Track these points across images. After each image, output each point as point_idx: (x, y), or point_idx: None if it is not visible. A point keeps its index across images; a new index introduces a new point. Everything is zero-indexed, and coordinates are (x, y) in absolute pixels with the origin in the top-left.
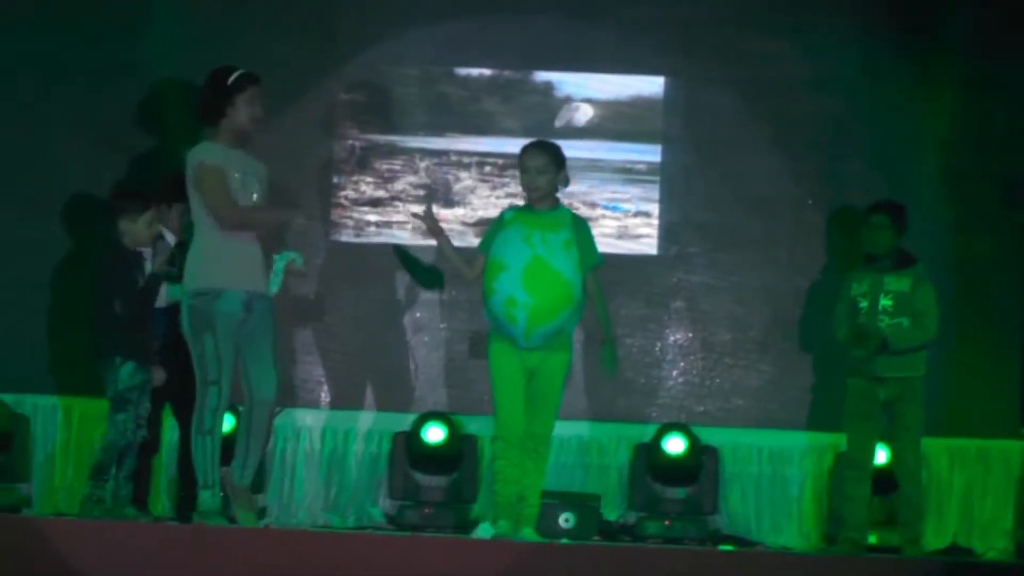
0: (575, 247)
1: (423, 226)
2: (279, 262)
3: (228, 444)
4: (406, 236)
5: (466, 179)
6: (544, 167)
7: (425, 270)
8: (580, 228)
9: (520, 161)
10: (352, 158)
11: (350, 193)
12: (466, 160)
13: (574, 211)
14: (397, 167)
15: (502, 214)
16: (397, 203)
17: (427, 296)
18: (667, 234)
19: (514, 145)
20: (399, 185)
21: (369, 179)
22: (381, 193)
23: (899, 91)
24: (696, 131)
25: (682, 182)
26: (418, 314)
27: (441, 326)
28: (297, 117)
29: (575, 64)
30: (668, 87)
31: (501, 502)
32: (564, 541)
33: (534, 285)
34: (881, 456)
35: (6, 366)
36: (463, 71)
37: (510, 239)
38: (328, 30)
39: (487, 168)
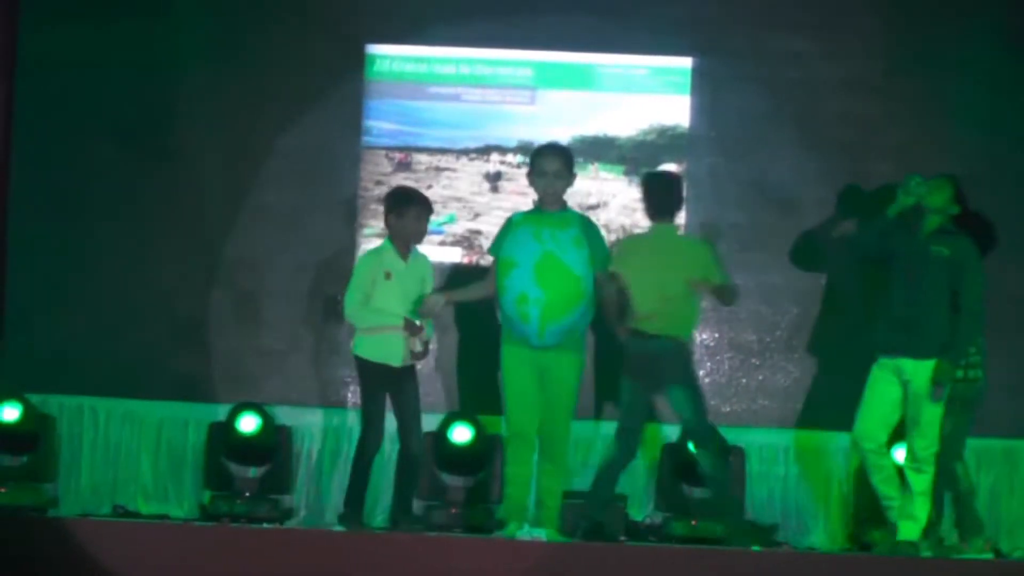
0: (585, 244)
1: (448, 239)
2: None
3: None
4: (432, 239)
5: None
6: (561, 171)
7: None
8: (589, 227)
9: (536, 164)
10: (381, 159)
11: (377, 192)
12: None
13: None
14: (423, 168)
15: (511, 217)
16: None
17: None
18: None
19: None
20: (428, 185)
21: (397, 179)
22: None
23: (926, 92)
24: (723, 131)
25: (708, 182)
26: (444, 315)
27: (467, 326)
28: (324, 116)
29: (602, 62)
30: (695, 86)
31: (513, 505)
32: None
33: (546, 280)
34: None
35: (33, 366)
36: (492, 70)
37: (520, 238)
38: (355, 27)
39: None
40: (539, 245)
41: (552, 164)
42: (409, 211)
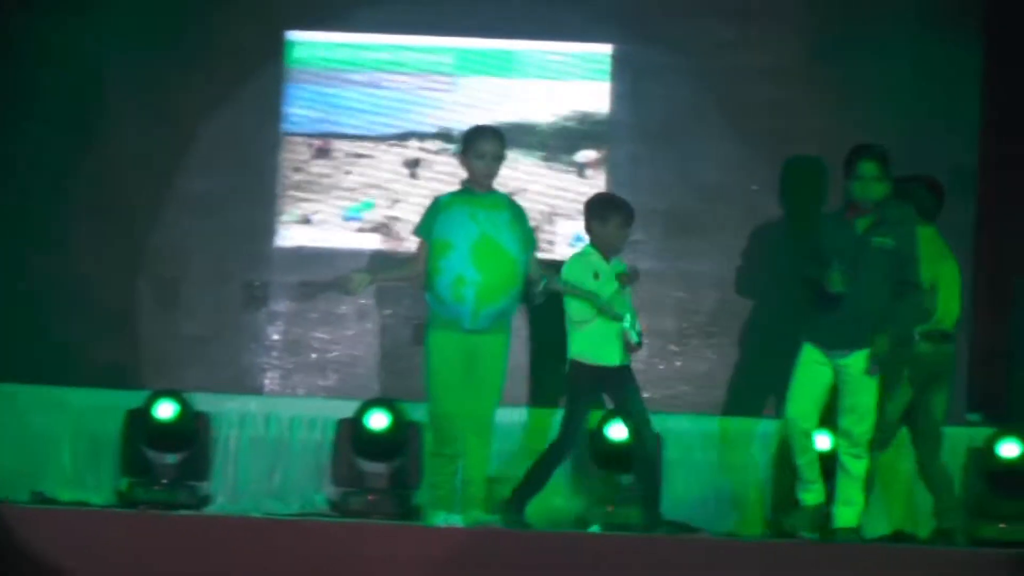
0: (518, 227)
1: (366, 226)
2: None
3: None
4: (350, 226)
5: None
6: (500, 153)
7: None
8: (518, 209)
9: (475, 146)
10: (300, 146)
11: (296, 179)
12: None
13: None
14: (342, 155)
15: (437, 199)
16: (344, 191)
17: None
18: None
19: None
20: (347, 171)
21: (316, 167)
22: (327, 181)
23: (849, 77)
24: (645, 118)
25: (629, 169)
26: (362, 301)
27: (385, 312)
28: (244, 103)
29: (522, 48)
30: (616, 73)
31: (441, 495)
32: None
33: (483, 263)
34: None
35: None
36: (412, 56)
37: (454, 219)
38: (275, 13)
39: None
40: (476, 227)
41: (493, 146)
42: (614, 218)
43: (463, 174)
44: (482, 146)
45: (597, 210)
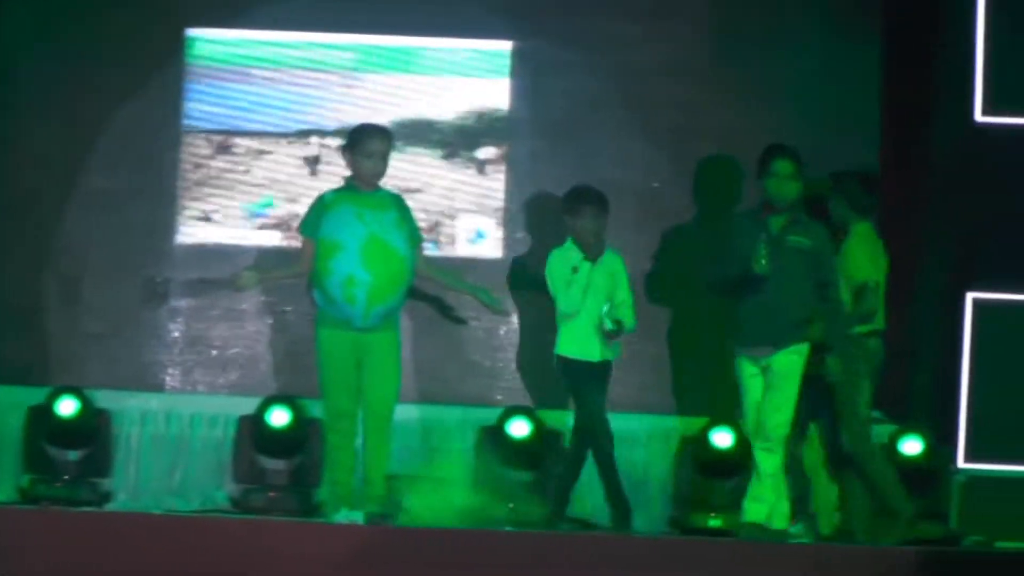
0: (404, 226)
1: (267, 223)
2: None
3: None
4: (251, 223)
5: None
6: (386, 152)
7: None
8: (403, 207)
9: (361, 145)
10: (201, 143)
11: (197, 176)
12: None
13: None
14: (242, 152)
15: (322, 197)
16: (245, 188)
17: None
18: (513, 218)
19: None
20: (247, 168)
21: (216, 163)
22: (228, 178)
23: (752, 75)
24: (545, 115)
25: (529, 166)
26: (262, 297)
27: (285, 309)
28: (145, 100)
29: (423, 45)
30: (516, 69)
31: (341, 492)
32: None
33: (372, 263)
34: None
35: None
36: (313, 53)
37: (342, 219)
38: (175, 10)
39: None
40: (363, 227)
41: (380, 145)
42: (586, 210)
43: None
44: (370, 145)
45: (568, 205)
